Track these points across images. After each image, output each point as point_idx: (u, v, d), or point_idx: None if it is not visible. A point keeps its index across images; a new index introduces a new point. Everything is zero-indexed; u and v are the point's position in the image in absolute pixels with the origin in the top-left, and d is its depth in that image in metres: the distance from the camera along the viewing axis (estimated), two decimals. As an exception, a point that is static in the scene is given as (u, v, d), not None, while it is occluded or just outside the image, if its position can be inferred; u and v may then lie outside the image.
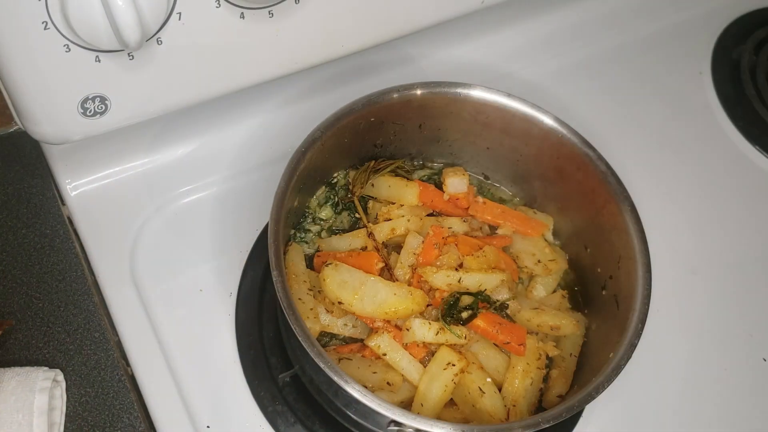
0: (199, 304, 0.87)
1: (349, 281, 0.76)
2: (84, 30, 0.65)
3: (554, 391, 0.78)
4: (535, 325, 0.81)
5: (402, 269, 0.81)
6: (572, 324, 0.80)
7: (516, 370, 0.78)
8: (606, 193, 0.80)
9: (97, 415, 0.79)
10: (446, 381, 0.75)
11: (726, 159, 1.07)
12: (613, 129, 1.05)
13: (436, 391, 0.75)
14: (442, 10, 0.88)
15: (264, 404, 0.82)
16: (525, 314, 0.81)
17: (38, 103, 0.73)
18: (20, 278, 0.85)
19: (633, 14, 1.17)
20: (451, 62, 1.08)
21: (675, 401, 0.88)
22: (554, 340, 0.82)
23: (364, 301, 0.76)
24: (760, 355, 0.92)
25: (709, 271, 0.97)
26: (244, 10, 0.74)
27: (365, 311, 0.76)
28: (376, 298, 0.76)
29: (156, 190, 0.94)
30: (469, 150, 0.90)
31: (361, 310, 0.76)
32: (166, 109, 0.81)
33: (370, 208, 0.88)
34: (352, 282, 0.76)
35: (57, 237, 0.88)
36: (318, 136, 0.78)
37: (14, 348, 0.81)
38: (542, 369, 0.80)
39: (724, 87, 1.13)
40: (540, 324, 0.80)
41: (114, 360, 0.82)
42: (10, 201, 0.90)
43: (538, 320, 0.81)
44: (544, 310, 0.82)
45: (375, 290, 0.76)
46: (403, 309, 0.76)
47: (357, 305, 0.76)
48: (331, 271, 0.77)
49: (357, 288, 0.76)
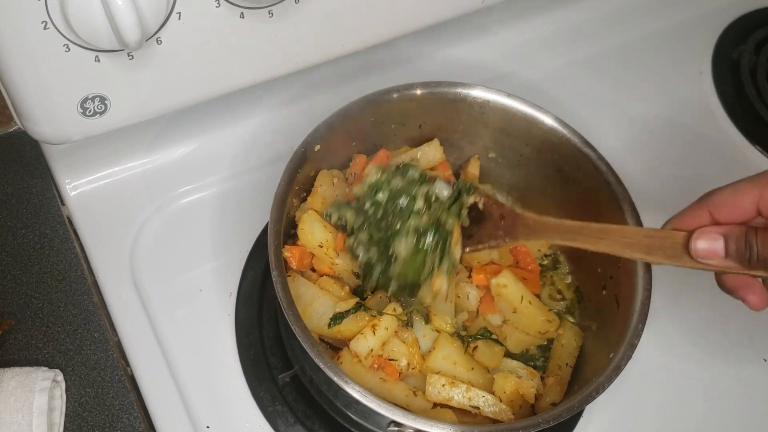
0: (199, 304, 0.87)
1: (303, 296, 0.76)
2: (84, 30, 0.65)
3: (548, 399, 0.77)
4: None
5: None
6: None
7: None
8: (606, 193, 0.80)
9: (96, 415, 0.79)
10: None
11: (726, 159, 1.07)
12: (613, 129, 1.05)
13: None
14: (442, 10, 0.88)
15: (264, 404, 0.82)
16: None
17: (38, 103, 0.73)
18: (20, 278, 0.85)
19: (633, 14, 1.17)
20: (451, 62, 1.08)
21: (675, 402, 0.88)
22: (549, 351, 0.82)
23: (312, 318, 0.76)
24: (761, 355, 0.92)
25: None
26: (243, 9, 0.74)
27: (311, 326, 0.75)
28: (323, 317, 0.76)
29: (156, 190, 0.94)
30: (468, 150, 0.90)
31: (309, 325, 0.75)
32: (166, 109, 0.81)
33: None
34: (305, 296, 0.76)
35: (56, 237, 0.88)
36: (318, 136, 0.78)
37: (14, 348, 0.81)
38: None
39: (724, 87, 1.13)
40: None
41: (114, 360, 0.82)
42: (9, 201, 0.90)
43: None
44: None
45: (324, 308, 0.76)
46: (346, 330, 0.75)
47: (307, 320, 0.75)
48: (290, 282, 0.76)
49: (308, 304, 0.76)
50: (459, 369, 0.76)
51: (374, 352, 0.74)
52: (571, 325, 0.83)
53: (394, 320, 0.75)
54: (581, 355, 0.81)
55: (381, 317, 0.75)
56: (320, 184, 0.82)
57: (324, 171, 0.83)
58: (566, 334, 0.81)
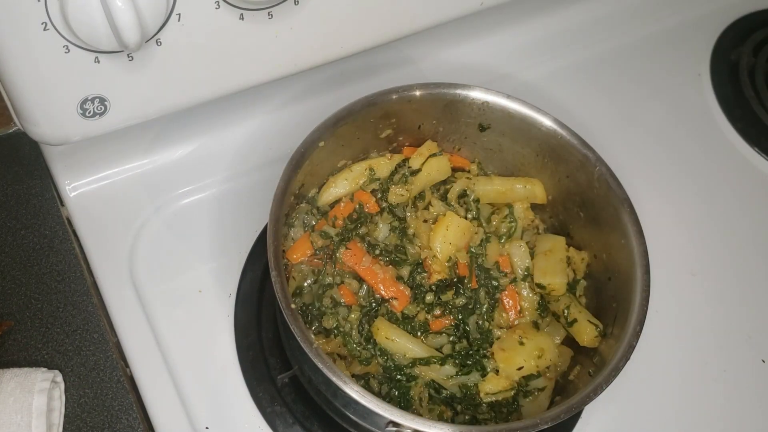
0: (199, 304, 0.87)
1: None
2: (83, 31, 0.65)
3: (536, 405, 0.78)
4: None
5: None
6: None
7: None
8: (605, 195, 0.80)
9: (96, 416, 0.79)
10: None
11: (724, 160, 1.07)
12: (612, 131, 1.05)
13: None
14: (442, 12, 0.89)
15: (263, 405, 0.82)
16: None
17: (37, 104, 0.73)
18: (19, 279, 0.85)
19: (632, 16, 1.17)
20: (451, 63, 1.08)
21: (674, 403, 0.88)
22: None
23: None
24: (759, 356, 0.92)
25: (708, 273, 0.97)
26: (243, 11, 0.74)
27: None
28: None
29: (155, 191, 0.94)
30: (468, 151, 0.90)
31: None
32: (166, 110, 0.81)
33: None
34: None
35: (56, 238, 0.88)
36: (317, 137, 0.79)
37: (13, 349, 0.81)
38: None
39: (722, 89, 1.13)
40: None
41: (113, 361, 0.82)
42: (9, 202, 0.90)
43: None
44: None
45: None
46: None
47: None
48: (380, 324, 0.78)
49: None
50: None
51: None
52: (561, 347, 0.82)
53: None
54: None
55: None
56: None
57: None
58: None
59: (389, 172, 0.86)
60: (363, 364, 0.76)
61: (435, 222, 0.83)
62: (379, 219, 0.84)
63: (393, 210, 0.84)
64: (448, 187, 0.87)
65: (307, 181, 0.82)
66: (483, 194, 0.87)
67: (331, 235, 0.82)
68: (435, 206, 0.85)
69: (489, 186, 0.87)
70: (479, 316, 0.80)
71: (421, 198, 0.86)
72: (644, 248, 0.76)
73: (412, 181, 0.85)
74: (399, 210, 0.85)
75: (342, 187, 0.85)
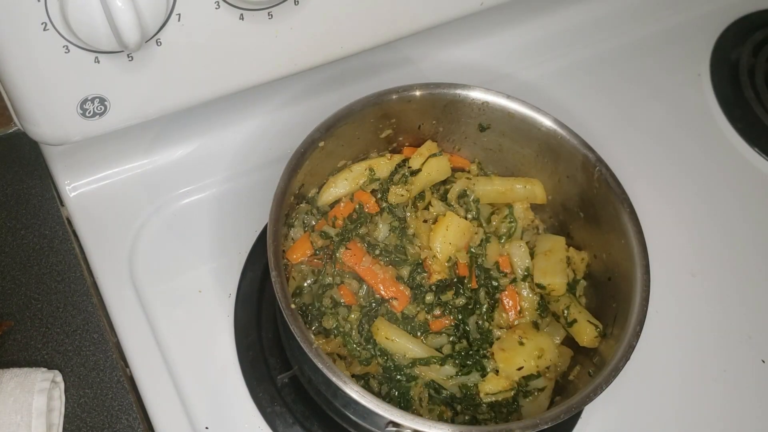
0: (198, 305, 0.87)
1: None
2: (83, 31, 0.65)
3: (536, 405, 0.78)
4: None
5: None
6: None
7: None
8: (605, 195, 0.80)
9: (95, 416, 0.79)
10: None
11: (724, 161, 1.07)
12: (612, 131, 1.05)
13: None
14: (442, 12, 0.89)
15: (263, 405, 0.82)
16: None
17: (37, 104, 0.73)
18: (19, 279, 0.85)
19: (632, 16, 1.17)
20: (451, 63, 1.08)
21: (674, 403, 0.88)
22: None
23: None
24: (759, 356, 0.92)
25: (708, 273, 0.97)
26: (243, 11, 0.74)
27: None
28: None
29: (155, 191, 0.94)
30: (468, 151, 0.90)
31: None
32: (166, 110, 0.81)
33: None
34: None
35: (56, 238, 0.88)
36: (317, 137, 0.79)
37: (13, 349, 0.81)
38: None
39: (722, 89, 1.13)
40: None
41: (113, 361, 0.82)
42: (9, 202, 0.90)
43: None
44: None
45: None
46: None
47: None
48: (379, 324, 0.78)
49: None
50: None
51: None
52: (561, 348, 0.82)
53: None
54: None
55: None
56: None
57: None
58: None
59: (389, 172, 0.86)
60: (363, 365, 0.77)
61: (435, 222, 0.83)
62: (379, 219, 0.84)
63: (393, 210, 0.84)
64: (448, 187, 0.87)
65: (307, 181, 0.82)
66: (483, 194, 0.87)
67: (331, 235, 0.82)
68: (435, 206, 0.85)
69: (489, 186, 0.87)
70: (479, 316, 0.80)
71: (421, 198, 0.86)
72: (644, 248, 0.76)
73: (412, 181, 0.85)
74: (399, 210, 0.85)
75: (342, 187, 0.85)
